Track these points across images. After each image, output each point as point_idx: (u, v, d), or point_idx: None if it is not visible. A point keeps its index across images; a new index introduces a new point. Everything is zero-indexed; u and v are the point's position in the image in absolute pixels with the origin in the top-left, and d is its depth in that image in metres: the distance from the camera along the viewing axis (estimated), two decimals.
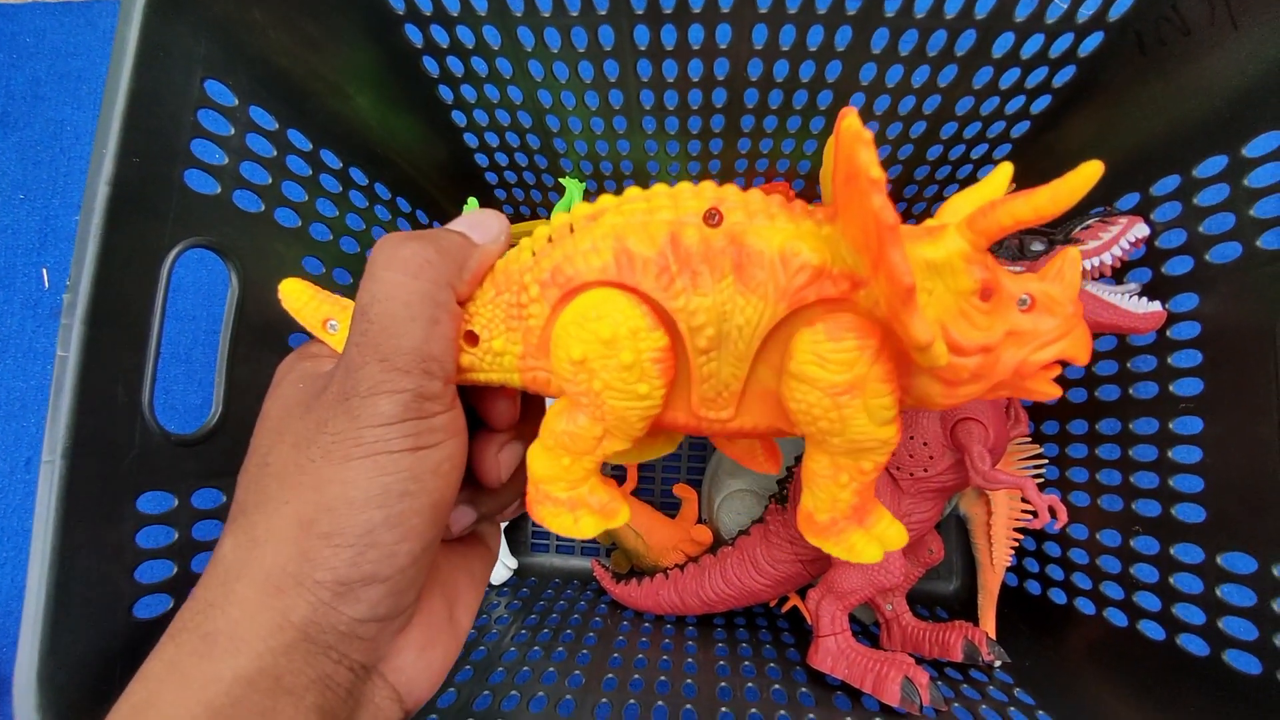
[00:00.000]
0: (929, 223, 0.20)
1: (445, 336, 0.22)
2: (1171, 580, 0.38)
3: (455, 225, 0.24)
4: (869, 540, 0.22)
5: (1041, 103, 0.42)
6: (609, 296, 0.20)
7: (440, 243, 0.22)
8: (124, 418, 0.30)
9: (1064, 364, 0.20)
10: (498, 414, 0.27)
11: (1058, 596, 0.47)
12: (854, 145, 0.16)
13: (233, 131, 0.35)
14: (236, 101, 0.35)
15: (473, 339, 0.24)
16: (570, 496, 0.23)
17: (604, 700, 0.39)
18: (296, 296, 0.28)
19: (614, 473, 0.60)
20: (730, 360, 0.21)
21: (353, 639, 0.20)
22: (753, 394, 0.21)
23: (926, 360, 0.18)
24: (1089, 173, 0.16)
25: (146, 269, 0.31)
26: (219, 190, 0.34)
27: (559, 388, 0.23)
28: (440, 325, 0.21)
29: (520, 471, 0.27)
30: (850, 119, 0.16)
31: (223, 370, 0.35)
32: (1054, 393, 0.20)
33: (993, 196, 0.19)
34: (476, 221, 0.24)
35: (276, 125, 0.38)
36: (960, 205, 0.20)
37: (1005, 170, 0.20)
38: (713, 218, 0.20)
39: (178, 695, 0.18)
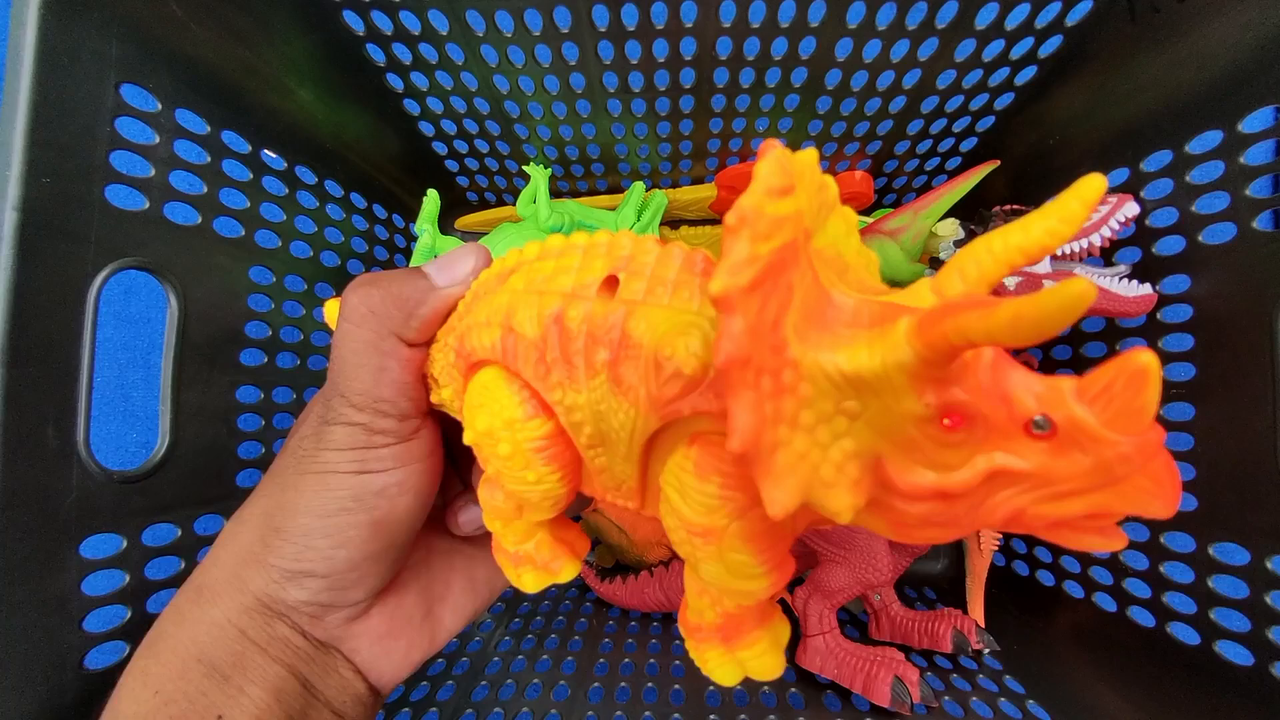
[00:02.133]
0: (906, 292, 0.14)
1: (394, 381, 0.23)
2: (1162, 568, 0.37)
3: (429, 263, 0.24)
4: (726, 661, 0.20)
5: (1027, 74, 0.40)
6: (492, 382, 0.20)
7: (391, 289, 0.23)
8: (57, 461, 0.28)
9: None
10: None
11: (1046, 578, 0.47)
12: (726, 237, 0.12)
13: (158, 139, 0.32)
14: (160, 106, 0.32)
15: (438, 381, 0.24)
16: (516, 551, 0.24)
17: (591, 712, 0.38)
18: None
19: None
20: (619, 459, 0.18)
21: (300, 614, 0.23)
22: (656, 488, 0.19)
23: (823, 512, 0.13)
24: (1076, 293, 0.10)
25: (70, 298, 0.29)
26: (147, 205, 0.32)
27: None
28: (387, 371, 0.23)
29: None
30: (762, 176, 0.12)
31: (168, 397, 0.33)
32: (1111, 544, 0.13)
33: (1038, 243, 0.12)
34: (449, 261, 0.24)
35: (208, 128, 0.35)
36: (975, 260, 0.13)
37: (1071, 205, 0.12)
38: (612, 286, 0.18)
39: (176, 631, 0.23)
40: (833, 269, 0.15)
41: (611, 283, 0.17)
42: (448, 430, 0.27)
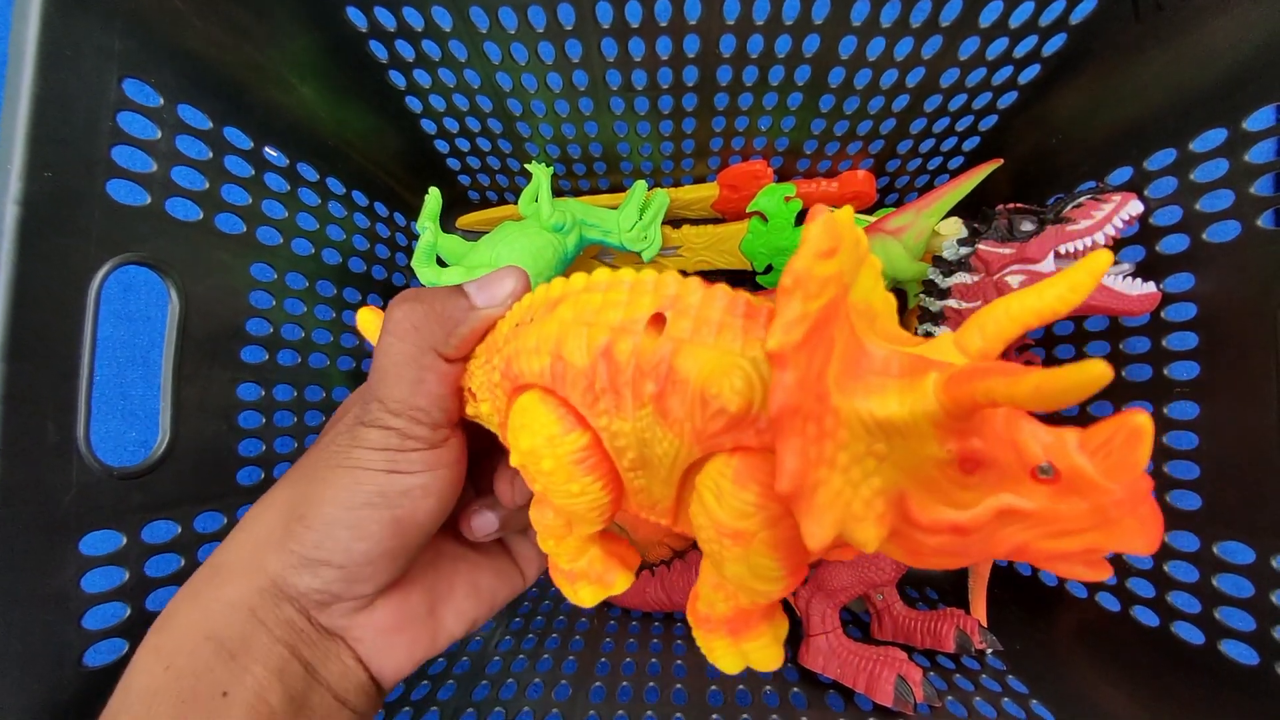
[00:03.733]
0: (930, 344, 0.16)
1: (430, 392, 0.25)
2: (1166, 567, 0.37)
3: (469, 284, 0.26)
4: (731, 652, 0.21)
5: (1030, 72, 0.40)
6: (533, 404, 0.20)
7: (434, 306, 0.25)
8: (57, 457, 0.28)
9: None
10: None
11: (1048, 578, 0.47)
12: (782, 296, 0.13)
13: (160, 134, 0.32)
14: (162, 101, 0.32)
15: (475, 395, 0.25)
16: (570, 569, 0.25)
17: (592, 712, 0.38)
18: (368, 326, 0.31)
19: None
20: (658, 482, 0.20)
21: (309, 599, 0.24)
22: (688, 505, 0.20)
23: (851, 542, 0.15)
24: (1093, 375, 0.11)
25: (71, 293, 0.28)
26: (149, 200, 0.31)
27: None
28: (424, 384, 0.25)
29: None
30: (814, 228, 0.14)
31: (168, 393, 0.33)
32: (1097, 575, 0.14)
33: (1056, 306, 0.14)
34: (489, 282, 0.26)
35: (211, 124, 0.35)
36: (992, 321, 0.15)
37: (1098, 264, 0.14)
38: (659, 323, 0.18)
39: (190, 608, 0.24)
40: (864, 319, 0.16)
41: (658, 320, 0.18)
42: (470, 440, 0.28)
